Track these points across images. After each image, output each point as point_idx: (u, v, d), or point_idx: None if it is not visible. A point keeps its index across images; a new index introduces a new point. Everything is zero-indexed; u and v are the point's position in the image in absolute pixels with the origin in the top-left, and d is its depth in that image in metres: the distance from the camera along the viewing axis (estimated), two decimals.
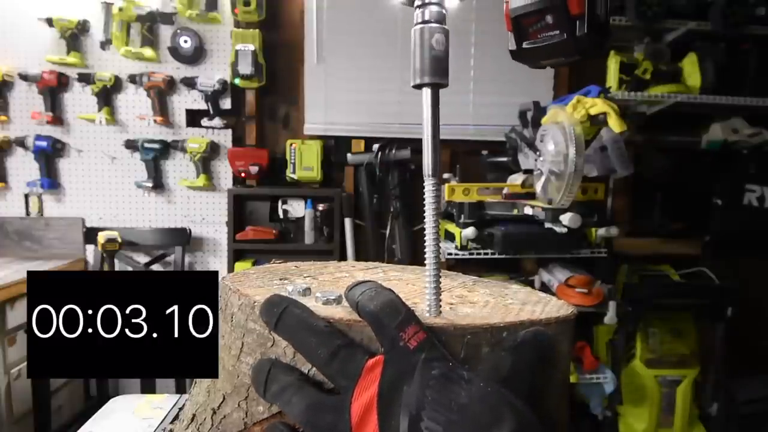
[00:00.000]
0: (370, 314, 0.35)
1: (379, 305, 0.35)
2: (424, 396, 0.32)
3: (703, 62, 2.24)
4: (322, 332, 0.36)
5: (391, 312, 0.35)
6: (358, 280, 0.39)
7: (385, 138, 2.51)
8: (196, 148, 2.49)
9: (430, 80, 0.39)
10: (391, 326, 0.35)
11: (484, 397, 0.32)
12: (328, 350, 0.35)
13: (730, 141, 2.41)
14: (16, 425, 2.00)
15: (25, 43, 2.45)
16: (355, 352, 0.36)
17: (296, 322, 0.37)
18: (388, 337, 0.35)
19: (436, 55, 0.38)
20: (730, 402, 2.26)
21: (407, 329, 0.35)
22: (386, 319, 0.35)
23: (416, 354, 0.34)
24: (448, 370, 0.33)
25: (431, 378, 0.33)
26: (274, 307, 0.38)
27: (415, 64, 0.39)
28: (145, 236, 2.51)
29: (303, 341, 0.37)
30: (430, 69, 0.39)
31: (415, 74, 0.39)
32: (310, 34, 2.53)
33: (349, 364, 0.35)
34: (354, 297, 0.37)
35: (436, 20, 0.39)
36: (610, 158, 1.90)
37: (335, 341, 0.36)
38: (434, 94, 0.40)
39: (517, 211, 1.88)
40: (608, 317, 1.93)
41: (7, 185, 2.53)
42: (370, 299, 0.36)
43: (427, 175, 0.40)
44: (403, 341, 0.34)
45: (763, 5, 2.27)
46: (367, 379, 0.34)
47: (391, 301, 0.36)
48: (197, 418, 0.46)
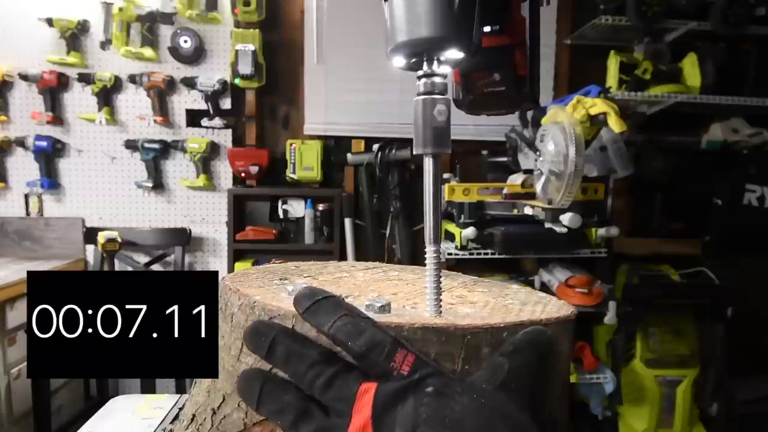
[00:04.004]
0: (355, 354, 0.35)
1: (363, 346, 0.35)
2: (419, 414, 0.32)
3: (703, 62, 2.24)
4: (316, 362, 0.36)
5: (376, 348, 0.34)
6: (312, 297, 0.37)
7: (385, 138, 2.51)
8: (196, 148, 2.49)
9: (432, 151, 0.39)
10: (379, 362, 0.34)
11: (478, 410, 0.32)
12: (323, 380, 0.35)
13: (730, 141, 2.41)
14: (16, 425, 2.00)
15: (25, 43, 2.45)
16: (349, 376, 0.35)
17: (288, 354, 0.37)
18: (379, 371, 0.35)
19: (438, 126, 0.39)
20: (730, 402, 2.26)
21: (396, 358, 0.34)
22: (374, 357, 0.34)
23: (409, 376, 0.34)
24: (442, 385, 0.34)
25: (425, 395, 0.33)
26: (261, 337, 0.38)
27: (417, 133, 0.39)
28: (145, 236, 2.51)
29: (297, 372, 0.36)
30: (432, 140, 0.39)
31: (417, 143, 0.40)
32: (310, 34, 2.53)
33: (344, 389, 0.35)
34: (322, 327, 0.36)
35: (439, 91, 0.39)
36: (610, 158, 1.90)
37: (329, 371, 0.35)
38: (436, 163, 0.40)
39: (517, 211, 1.88)
40: (608, 317, 1.93)
41: (7, 185, 2.53)
42: (349, 337, 0.35)
43: (429, 242, 0.41)
44: (396, 371, 0.34)
45: (763, 5, 2.27)
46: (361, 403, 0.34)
47: (372, 337, 0.35)
48: (197, 418, 0.46)
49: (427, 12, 0.38)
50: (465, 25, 0.38)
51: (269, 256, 2.50)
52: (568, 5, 2.56)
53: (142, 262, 2.52)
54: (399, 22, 0.39)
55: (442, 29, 0.38)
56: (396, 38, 0.39)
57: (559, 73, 2.60)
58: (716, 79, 2.25)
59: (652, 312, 2.14)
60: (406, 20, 0.39)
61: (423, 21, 0.38)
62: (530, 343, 0.37)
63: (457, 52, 0.39)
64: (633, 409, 2.18)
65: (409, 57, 0.40)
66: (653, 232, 2.55)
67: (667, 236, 2.51)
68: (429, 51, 0.39)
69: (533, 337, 0.37)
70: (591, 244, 1.86)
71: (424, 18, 0.38)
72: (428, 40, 0.38)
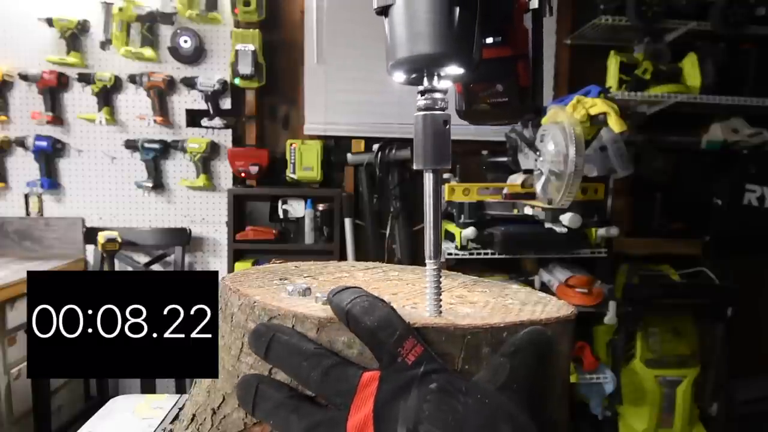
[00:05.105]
0: (366, 330, 0.35)
1: (376, 321, 0.35)
2: (422, 410, 0.32)
3: (703, 62, 2.24)
4: (312, 355, 0.36)
5: (388, 328, 0.34)
6: (342, 286, 0.38)
7: (385, 138, 2.51)
8: (196, 148, 2.49)
9: (432, 167, 0.39)
10: (388, 343, 0.34)
11: (481, 409, 0.32)
12: (320, 372, 0.35)
13: (730, 141, 2.41)
14: (16, 425, 1.99)
15: (25, 43, 2.45)
16: (347, 369, 0.35)
17: (285, 349, 0.37)
18: (385, 354, 0.35)
19: (438, 143, 0.39)
20: (730, 402, 2.26)
21: (405, 344, 0.34)
22: (384, 336, 0.34)
23: (414, 368, 0.34)
24: (446, 382, 0.33)
25: (429, 392, 0.33)
26: (261, 337, 0.38)
27: (417, 148, 0.40)
28: (145, 236, 2.51)
29: (294, 366, 0.37)
30: (432, 156, 0.39)
31: (417, 159, 0.40)
32: (310, 34, 2.53)
33: (342, 382, 0.35)
34: (341, 304, 0.36)
35: (439, 107, 0.39)
36: (610, 158, 1.90)
37: (326, 362, 0.36)
38: (436, 178, 0.40)
39: (517, 211, 1.88)
40: (608, 317, 1.93)
41: (7, 185, 2.53)
42: (365, 312, 0.35)
43: (429, 257, 0.41)
44: (401, 357, 0.34)
45: (763, 5, 2.27)
46: (362, 396, 0.34)
47: (387, 316, 0.35)
48: (197, 418, 0.46)
49: (428, 28, 0.38)
50: (465, 41, 0.38)
51: (269, 256, 2.50)
52: (568, 5, 2.56)
53: (142, 262, 2.52)
54: (399, 38, 0.39)
55: (443, 46, 0.38)
56: (396, 54, 0.39)
57: (559, 73, 2.60)
58: (716, 79, 2.25)
59: (652, 312, 2.14)
60: (406, 36, 0.39)
61: (423, 37, 0.38)
62: (531, 343, 0.37)
63: (458, 68, 0.39)
64: (633, 409, 2.18)
65: (409, 73, 0.40)
66: (653, 232, 2.54)
67: (667, 236, 2.51)
68: (429, 67, 0.39)
69: (533, 337, 0.37)
70: (591, 244, 1.86)
71: (425, 34, 0.38)
72: (429, 57, 0.38)
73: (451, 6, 0.37)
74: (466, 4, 0.38)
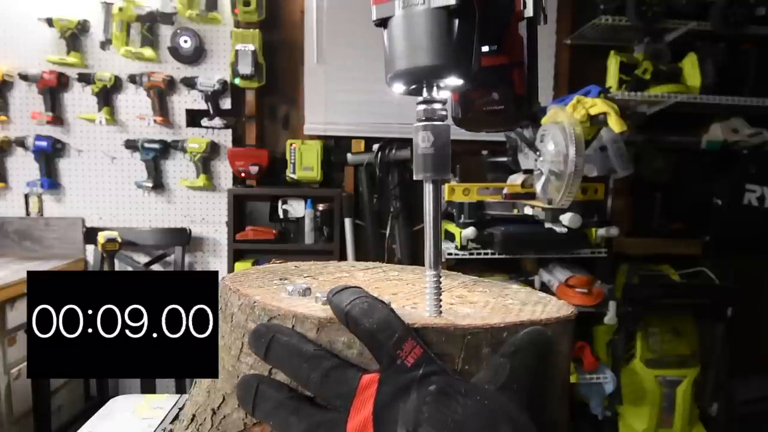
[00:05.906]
0: (365, 332, 0.35)
1: (375, 323, 0.34)
2: (421, 413, 0.32)
3: (703, 62, 2.24)
4: (312, 356, 0.36)
5: (387, 330, 0.34)
6: (342, 286, 0.38)
7: (385, 138, 2.51)
8: (196, 148, 2.49)
9: (433, 176, 0.40)
10: (388, 345, 0.34)
11: (481, 411, 0.32)
12: (320, 374, 0.35)
13: (730, 141, 2.41)
14: (16, 425, 1.99)
15: (25, 43, 2.45)
16: (347, 371, 0.35)
17: (285, 350, 0.37)
18: (385, 356, 0.34)
19: (438, 153, 0.39)
20: (730, 402, 2.26)
21: (404, 346, 0.34)
22: (383, 338, 0.34)
23: (413, 370, 0.34)
24: (445, 384, 0.33)
25: (428, 394, 0.33)
26: (261, 338, 0.38)
27: (417, 159, 0.40)
28: (145, 236, 2.51)
29: (294, 368, 0.36)
30: (432, 166, 0.39)
31: (417, 169, 0.40)
32: (310, 34, 2.53)
33: (342, 384, 0.35)
34: (340, 305, 0.36)
35: (439, 117, 0.39)
36: (610, 158, 1.90)
37: (325, 364, 0.36)
38: (436, 188, 0.40)
39: (517, 211, 1.88)
40: (608, 317, 1.93)
41: (7, 185, 2.53)
42: (364, 314, 0.35)
43: (429, 266, 0.41)
44: (400, 359, 0.34)
45: (763, 5, 2.27)
46: (362, 398, 0.34)
47: (386, 317, 0.35)
48: (197, 418, 0.46)
49: (427, 41, 0.38)
50: (464, 53, 0.38)
51: (269, 256, 2.50)
52: (568, 5, 2.55)
53: (142, 262, 2.52)
54: (398, 50, 0.39)
55: (442, 58, 0.38)
56: (395, 66, 0.39)
57: (559, 73, 2.60)
58: (716, 79, 2.25)
59: (652, 312, 2.14)
60: (405, 48, 0.39)
61: (423, 49, 0.38)
62: (531, 343, 0.37)
63: (457, 80, 0.39)
64: (633, 409, 2.18)
65: (408, 84, 0.40)
66: (653, 232, 2.54)
67: (667, 236, 2.51)
68: (429, 79, 0.39)
69: (534, 337, 0.37)
70: (591, 244, 1.86)
71: (424, 47, 0.38)
72: (428, 69, 0.38)
73: (450, 18, 0.37)
74: (465, 16, 0.38)
